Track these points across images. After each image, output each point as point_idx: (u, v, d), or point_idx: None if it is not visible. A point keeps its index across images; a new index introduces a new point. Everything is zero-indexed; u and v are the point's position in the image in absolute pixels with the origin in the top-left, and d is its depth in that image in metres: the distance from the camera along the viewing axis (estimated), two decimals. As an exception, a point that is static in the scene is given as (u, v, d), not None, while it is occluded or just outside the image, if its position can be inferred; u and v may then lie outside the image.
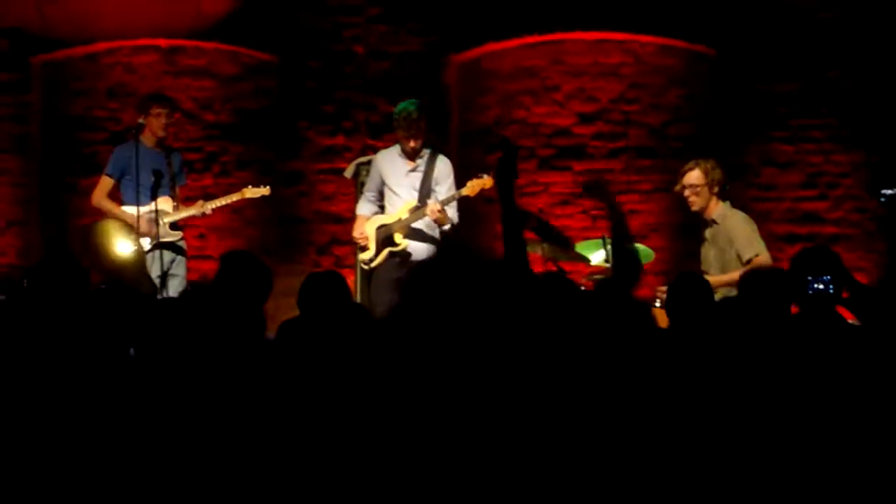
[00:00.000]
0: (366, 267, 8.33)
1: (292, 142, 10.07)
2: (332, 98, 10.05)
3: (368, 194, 8.46)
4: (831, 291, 4.99)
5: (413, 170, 8.27)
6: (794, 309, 5.15)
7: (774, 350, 3.70)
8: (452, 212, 8.18)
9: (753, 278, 5.27)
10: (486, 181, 7.96)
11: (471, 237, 9.61)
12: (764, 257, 7.45)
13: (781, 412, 3.40)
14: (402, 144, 8.26)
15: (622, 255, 6.56)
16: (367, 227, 8.34)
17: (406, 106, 8.22)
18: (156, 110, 8.38)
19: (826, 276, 5.00)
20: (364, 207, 8.47)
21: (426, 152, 8.30)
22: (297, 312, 5.17)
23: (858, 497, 3.24)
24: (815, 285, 4.99)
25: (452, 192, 8.21)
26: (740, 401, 3.42)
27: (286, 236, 10.10)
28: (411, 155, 8.26)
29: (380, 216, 8.35)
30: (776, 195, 9.86)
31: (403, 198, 8.25)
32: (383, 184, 8.35)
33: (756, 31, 9.80)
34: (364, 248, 8.35)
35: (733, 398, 3.45)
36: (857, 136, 9.76)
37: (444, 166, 8.31)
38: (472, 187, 8.06)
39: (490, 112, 10.20)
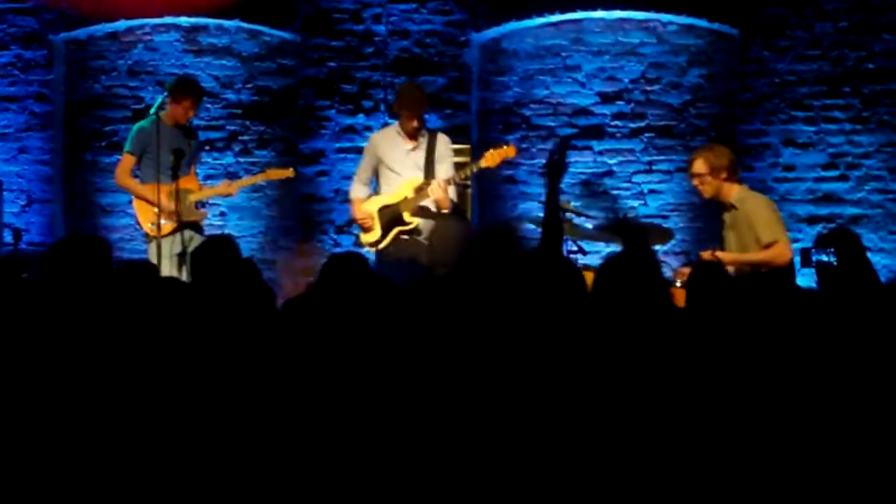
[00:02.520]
0: (371, 249, 8.30)
1: (313, 121, 10.09)
2: (352, 77, 10.05)
3: (363, 176, 8.42)
4: (835, 264, 4.93)
5: (414, 149, 8.24)
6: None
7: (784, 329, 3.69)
8: (452, 191, 8.17)
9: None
10: (508, 150, 7.98)
11: (487, 217, 9.63)
12: (782, 243, 7.42)
13: (793, 395, 3.40)
14: (403, 123, 8.24)
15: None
16: (368, 207, 8.32)
17: (410, 85, 8.23)
18: (186, 102, 8.40)
19: (831, 248, 4.93)
20: (360, 190, 8.43)
21: (425, 131, 8.30)
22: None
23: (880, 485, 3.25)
24: (819, 257, 4.93)
25: (451, 172, 8.18)
26: (754, 382, 3.43)
27: (306, 216, 10.11)
28: (412, 134, 8.24)
29: (379, 197, 8.32)
30: (797, 176, 9.84)
31: (405, 177, 8.22)
32: (378, 164, 8.33)
33: (778, 11, 9.76)
34: (367, 230, 8.32)
35: (748, 379, 3.45)
36: (878, 117, 9.72)
37: (444, 145, 8.31)
38: (492, 157, 8.04)
39: (510, 91, 10.19)
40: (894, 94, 9.67)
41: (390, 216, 8.23)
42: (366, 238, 8.36)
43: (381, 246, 8.28)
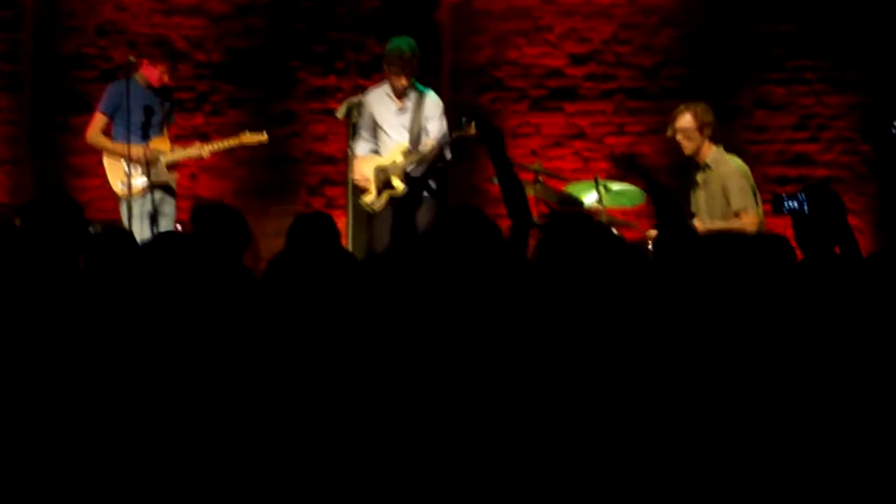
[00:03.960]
0: (370, 210, 8.28)
1: (283, 82, 10.04)
2: (323, 38, 10.00)
3: (364, 133, 8.35)
4: (806, 211, 4.90)
5: (401, 109, 8.19)
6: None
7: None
8: (447, 150, 8.15)
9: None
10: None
11: (463, 178, 9.63)
12: (752, 212, 7.44)
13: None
14: (392, 83, 8.19)
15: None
16: (365, 168, 8.27)
17: (398, 43, 8.16)
18: (162, 66, 8.37)
19: (801, 194, 4.91)
20: (362, 147, 8.36)
21: (414, 91, 8.24)
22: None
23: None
24: (790, 203, 4.90)
25: (444, 130, 8.15)
26: (725, 345, 3.44)
27: (277, 177, 10.08)
28: (400, 94, 8.19)
29: (375, 158, 8.28)
30: (768, 137, 9.87)
31: (395, 139, 8.21)
32: (375, 123, 8.29)
33: (750, -29, 9.78)
34: (364, 191, 8.29)
35: (718, 341, 3.46)
36: (849, 79, 9.76)
37: (432, 104, 8.26)
38: (473, 127, 7.97)
39: (482, 52, 10.16)
40: (865, 55, 9.70)
41: (383, 178, 8.20)
42: (364, 199, 8.32)
43: (375, 207, 8.25)
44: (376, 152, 8.30)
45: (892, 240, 9.46)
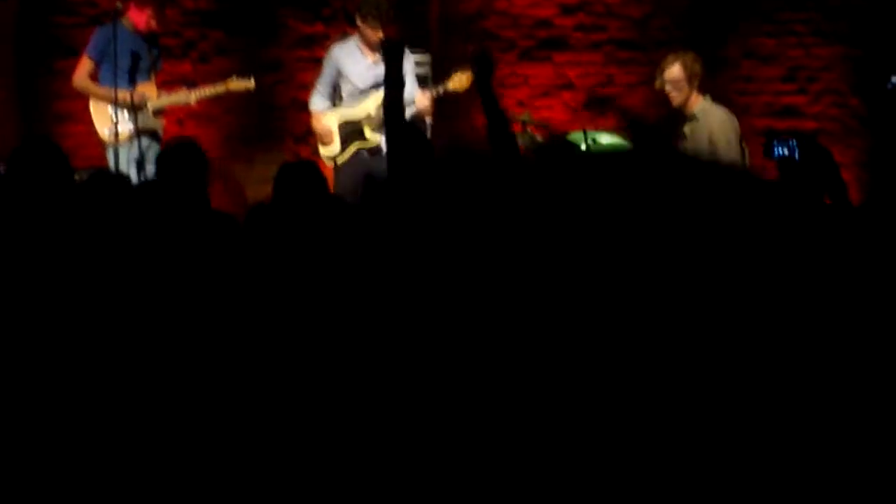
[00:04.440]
0: (329, 163, 8.24)
1: (271, 29, 9.98)
2: (311, -16, 9.95)
3: (322, 88, 8.30)
4: (797, 158, 4.89)
5: (376, 63, 8.03)
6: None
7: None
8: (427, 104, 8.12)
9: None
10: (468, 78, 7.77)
11: (450, 129, 9.59)
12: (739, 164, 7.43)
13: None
14: (366, 36, 8.06)
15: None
16: (327, 120, 8.22)
17: None
18: (148, 10, 8.29)
19: (792, 140, 4.90)
20: (319, 103, 8.32)
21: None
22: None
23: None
24: (780, 149, 4.89)
25: (415, 85, 8.07)
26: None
27: (264, 124, 10.04)
28: (375, 47, 8.03)
29: (339, 111, 8.22)
30: (756, 88, 9.86)
31: (368, 93, 8.10)
32: (339, 78, 8.22)
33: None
34: (326, 144, 8.24)
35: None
36: (839, 31, 9.74)
37: (407, 61, 8.17)
38: (460, 81, 7.91)
39: (471, 3, 10.10)
40: (856, 8, 9.67)
41: (350, 130, 8.16)
42: (324, 151, 8.30)
43: (339, 160, 8.22)
44: (334, 106, 8.24)
45: (880, 193, 9.47)
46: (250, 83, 8.58)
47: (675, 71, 7.52)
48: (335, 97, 8.31)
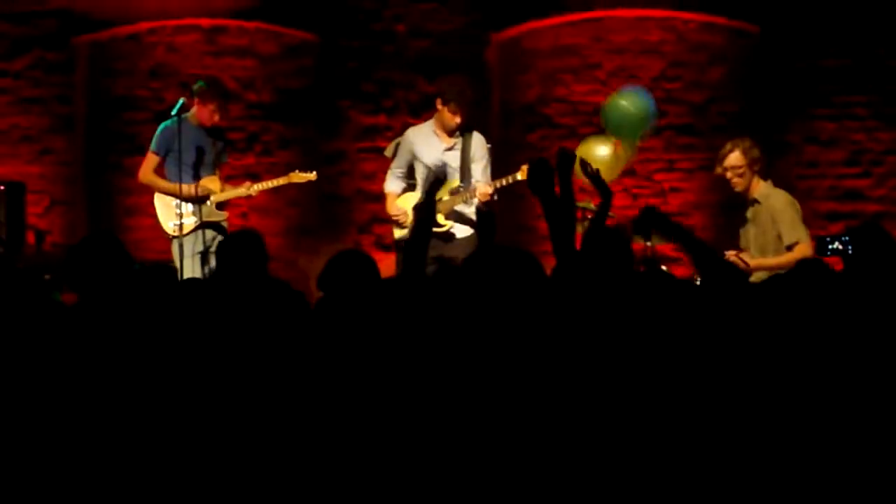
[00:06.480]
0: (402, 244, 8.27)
1: (333, 121, 10.11)
2: (372, 77, 10.07)
3: (397, 170, 8.33)
4: (850, 252, 4.86)
5: (450, 148, 8.13)
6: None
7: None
8: (494, 196, 8.11)
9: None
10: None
11: (508, 217, 9.62)
12: (805, 245, 7.37)
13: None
14: (444, 120, 8.10)
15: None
16: (401, 203, 8.27)
17: (460, 79, 8.14)
18: (212, 105, 8.43)
19: (845, 237, 4.88)
20: (393, 184, 8.36)
21: (461, 131, 8.19)
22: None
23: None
24: (833, 245, 4.88)
25: (487, 171, 8.12)
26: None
27: (327, 215, 10.14)
28: (451, 132, 8.15)
29: (414, 194, 8.26)
30: (819, 172, 9.82)
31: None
32: (414, 161, 8.26)
33: (799, 7, 9.74)
34: (401, 225, 8.27)
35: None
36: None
37: (479, 145, 8.21)
38: (526, 171, 7.91)
39: (531, 91, 10.18)
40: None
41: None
42: (398, 233, 8.32)
43: None
44: (407, 190, 8.30)
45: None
46: (312, 175, 8.67)
47: (734, 158, 7.50)
48: (410, 178, 8.32)
